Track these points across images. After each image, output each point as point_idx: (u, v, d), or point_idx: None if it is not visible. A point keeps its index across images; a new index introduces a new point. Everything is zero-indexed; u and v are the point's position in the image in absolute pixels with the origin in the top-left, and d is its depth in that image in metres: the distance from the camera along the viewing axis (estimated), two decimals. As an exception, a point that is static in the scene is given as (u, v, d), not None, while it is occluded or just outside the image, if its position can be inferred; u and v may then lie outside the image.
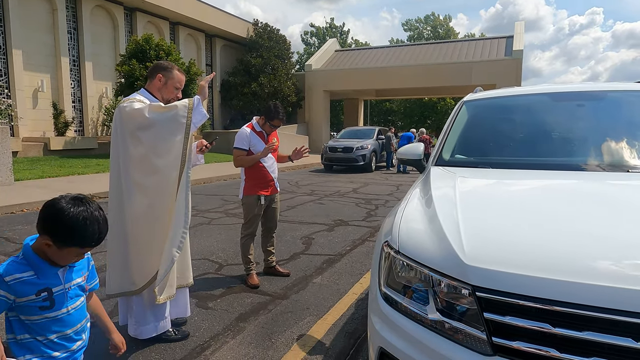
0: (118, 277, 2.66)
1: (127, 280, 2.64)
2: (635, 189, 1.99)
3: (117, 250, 2.65)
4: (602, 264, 1.28)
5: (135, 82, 14.50)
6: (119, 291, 2.68)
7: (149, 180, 2.56)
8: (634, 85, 3.04)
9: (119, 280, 2.66)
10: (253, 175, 3.86)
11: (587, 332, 1.18)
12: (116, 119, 2.61)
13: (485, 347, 1.31)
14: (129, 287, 2.64)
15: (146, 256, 2.60)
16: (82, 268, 1.55)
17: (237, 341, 2.84)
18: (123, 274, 2.64)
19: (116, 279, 2.67)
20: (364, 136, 16.83)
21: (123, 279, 2.65)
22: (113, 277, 2.68)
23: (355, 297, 3.62)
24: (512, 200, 1.95)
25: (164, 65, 2.77)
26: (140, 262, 2.61)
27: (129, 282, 2.64)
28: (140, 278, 2.61)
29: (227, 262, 4.54)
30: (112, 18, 18.61)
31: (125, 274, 2.64)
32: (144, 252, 2.60)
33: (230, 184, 11.02)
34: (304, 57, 43.80)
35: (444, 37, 46.33)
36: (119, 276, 2.65)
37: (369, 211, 7.58)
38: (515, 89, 3.38)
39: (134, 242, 2.60)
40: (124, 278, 2.64)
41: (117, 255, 2.66)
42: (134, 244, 2.60)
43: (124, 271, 2.64)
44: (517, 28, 23.42)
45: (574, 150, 2.53)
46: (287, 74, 25.09)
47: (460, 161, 2.68)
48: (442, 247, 1.51)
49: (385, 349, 1.57)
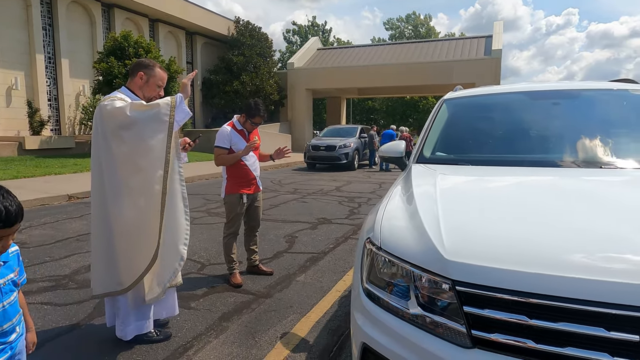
0: (103, 278, 2.62)
1: (113, 281, 2.60)
2: (608, 184, 2.05)
3: (102, 250, 2.61)
4: (576, 257, 1.32)
5: (114, 80, 14.22)
6: (105, 291, 2.64)
7: (133, 180, 2.53)
8: (607, 84, 3.14)
9: (104, 281, 2.62)
10: (235, 174, 3.84)
11: (562, 322, 1.22)
12: (97, 118, 2.56)
13: (465, 340, 1.34)
14: (115, 287, 2.60)
15: (133, 255, 2.57)
16: (13, 264, 1.58)
17: (220, 341, 2.82)
18: (108, 274, 2.60)
19: (101, 280, 2.63)
20: (346, 134, 16.91)
21: (109, 279, 2.61)
22: (98, 278, 2.64)
23: (338, 294, 3.64)
24: (491, 196, 2.00)
25: (145, 63, 2.73)
26: (127, 261, 2.57)
27: (115, 282, 2.60)
28: (127, 278, 2.58)
29: (210, 262, 4.51)
30: (89, 14, 18.19)
31: (111, 274, 2.60)
32: (130, 251, 2.56)
33: (212, 183, 10.92)
34: (286, 56, 43.66)
35: (425, 36, 46.81)
36: (104, 276, 2.61)
37: (352, 209, 7.62)
38: (493, 87, 3.45)
39: (120, 242, 2.56)
40: (110, 278, 2.60)
41: (101, 256, 2.62)
42: (120, 243, 2.56)
43: (110, 271, 2.60)
44: (496, 28, 23.84)
45: (550, 147, 2.59)
46: (270, 72, 24.98)
47: (440, 158, 2.72)
48: (423, 243, 1.53)
49: (367, 344, 1.59)
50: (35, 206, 7.60)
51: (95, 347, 2.73)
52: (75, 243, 5.17)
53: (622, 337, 1.16)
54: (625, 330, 1.16)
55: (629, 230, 1.43)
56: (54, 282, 3.88)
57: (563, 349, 1.21)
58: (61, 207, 7.58)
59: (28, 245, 5.06)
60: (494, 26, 24.34)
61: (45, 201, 7.89)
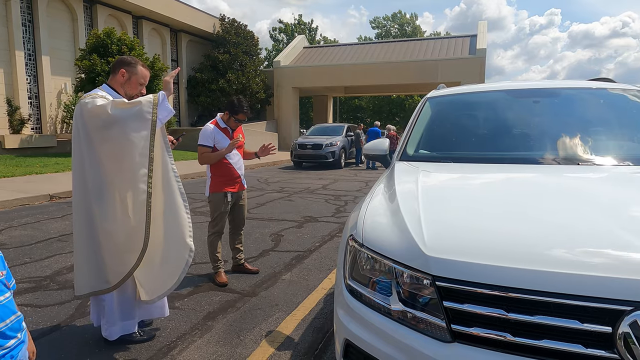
0: (88, 277, 2.58)
1: (100, 279, 2.56)
2: (587, 181, 2.10)
3: (86, 249, 2.57)
4: (553, 252, 1.34)
5: (97, 77, 13.99)
6: (90, 290, 2.60)
7: (117, 178, 2.50)
8: (586, 83, 3.21)
9: (89, 280, 2.58)
10: (219, 172, 3.82)
11: (538, 316, 1.24)
12: (77, 116, 2.52)
13: (445, 335, 1.35)
14: (102, 285, 2.57)
15: (119, 254, 2.54)
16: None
17: (204, 340, 2.81)
18: (94, 273, 2.56)
19: (86, 279, 2.59)
20: (333, 133, 16.93)
21: (95, 278, 2.57)
22: (82, 277, 2.60)
23: (324, 292, 3.65)
24: (471, 192, 2.03)
25: (127, 60, 2.69)
26: (113, 260, 2.54)
27: (102, 280, 2.56)
28: (113, 276, 2.55)
29: (195, 261, 4.47)
30: (70, 11, 17.83)
31: (97, 273, 2.56)
32: (116, 250, 2.53)
33: (197, 182, 10.83)
34: (273, 54, 43.46)
35: (411, 35, 47.09)
36: (89, 275, 2.58)
37: (338, 207, 7.64)
38: (476, 86, 3.49)
39: (103, 242, 2.53)
40: (96, 277, 2.57)
41: (85, 255, 2.58)
42: (103, 243, 2.53)
43: (96, 270, 2.56)
44: (480, 27, 24.10)
45: (530, 144, 2.64)
46: (256, 70, 24.85)
47: (423, 156, 2.75)
48: (404, 240, 1.55)
49: (350, 340, 1.60)
50: (16, 206, 7.44)
51: (76, 348, 2.69)
52: (57, 243, 5.08)
53: (596, 328, 1.19)
54: (599, 322, 1.19)
55: (606, 226, 1.46)
56: (34, 283, 3.81)
57: (539, 341, 1.23)
58: (42, 207, 7.44)
59: (8, 246, 4.95)
60: (478, 26, 24.60)
61: (25, 201, 7.73)
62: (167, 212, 2.63)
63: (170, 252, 2.65)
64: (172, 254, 2.66)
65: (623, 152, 2.44)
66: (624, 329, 1.16)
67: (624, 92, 2.89)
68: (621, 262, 1.25)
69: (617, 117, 2.80)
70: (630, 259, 1.26)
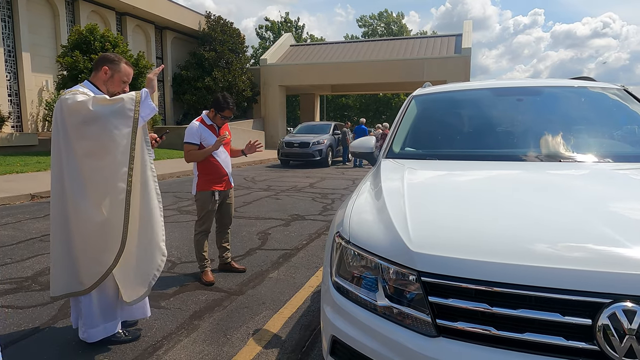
0: (63, 278, 2.53)
1: (74, 281, 2.52)
2: (569, 177, 2.14)
3: (62, 249, 2.52)
4: (535, 247, 1.37)
5: (79, 74, 13.73)
6: (66, 292, 2.55)
7: (96, 177, 2.45)
8: (568, 81, 3.26)
9: (65, 281, 2.54)
10: (206, 171, 3.79)
11: (521, 309, 1.26)
12: (57, 112, 2.47)
13: (430, 329, 1.37)
14: (77, 287, 2.53)
15: (96, 255, 2.49)
16: None
17: (191, 339, 2.79)
18: (69, 274, 2.52)
19: (61, 280, 2.54)
20: (320, 131, 16.93)
21: (70, 280, 2.52)
22: (58, 278, 2.55)
23: (311, 290, 3.65)
24: (456, 189, 2.05)
25: (110, 58, 2.65)
26: (88, 261, 2.50)
27: (76, 282, 2.52)
28: (88, 277, 2.50)
29: (181, 260, 4.44)
30: (52, 6, 17.45)
31: (72, 274, 2.52)
32: (93, 250, 2.49)
33: (183, 181, 10.73)
34: (259, 52, 43.23)
35: (397, 34, 47.32)
36: (65, 276, 2.53)
37: (325, 205, 7.65)
38: (461, 84, 3.53)
39: (81, 241, 2.48)
40: (71, 278, 2.52)
41: (61, 255, 2.53)
42: (80, 242, 2.48)
43: (71, 271, 2.52)
44: (466, 27, 24.35)
45: (514, 142, 2.68)
46: (242, 68, 24.69)
47: (409, 154, 2.77)
48: (390, 236, 1.56)
49: (337, 336, 1.61)
50: (-5, 206, 7.27)
51: (59, 350, 2.64)
52: (39, 244, 4.99)
53: (576, 321, 1.21)
54: (579, 314, 1.22)
55: (587, 221, 1.49)
56: (15, 284, 3.73)
57: (522, 334, 1.25)
58: (24, 207, 7.28)
59: (-13, 246, 4.83)
60: (463, 25, 24.85)
61: (6, 201, 7.56)
62: (143, 213, 2.57)
63: (144, 255, 2.60)
64: (146, 257, 2.61)
65: (603, 150, 2.50)
66: (603, 321, 1.18)
67: (603, 90, 2.95)
68: (601, 256, 1.28)
69: (597, 115, 2.86)
70: (610, 253, 1.29)
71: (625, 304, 1.18)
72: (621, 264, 1.24)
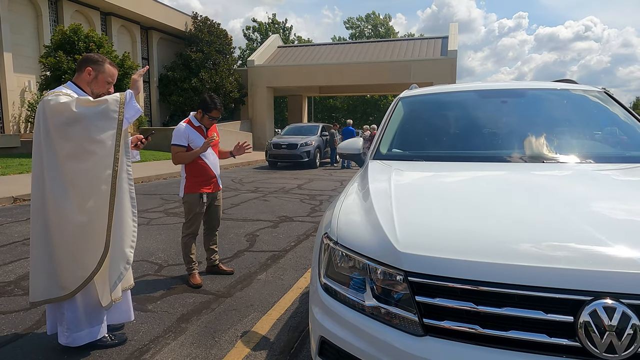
0: (44, 283, 2.48)
1: (55, 286, 2.47)
2: (552, 178, 2.18)
3: (42, 254, 2.47)
4: (521, 246, 1.39)
5: (63, 75, 13.53)
6: (46, 297, 2.50)
7: (79, 179, 2.41)
8: (551, 84, 3.33)
9: (45, 286, 2.48)
10: (194, 173, 3.76)
11: (506, 308, 1.29)
12: (39, 113, 2.43)
13: (417, 329, 1.38)
14: (58, 292, 2.47)
15: (77, 259, 2.45)
16: None
17: (178, 342, 2.76)
18: (50, 279, 2.47)
19: (42, 285, 2.49)
20: (308, 133, 16.94)
21: (50, 285, 2.47)
22: (38, 283, 2.49)
23: (299, 291, 3.65)
24: (443, 190, 2.08)
25: (94, 58, 2.61)
26: (70, 265, 2.45)
27: (57, 287, 2.47)
28: (70, 282, 2.46)
29: (168, 263, 4.39)
30: (34, 6, 17.15)
31: (53, 279, 2.47)
32: (74, 255, 2.45)
33: (170, 183, 10.63)
34: (247, 53, 43.06)
35: (385, 36, 47.62)
36: (45, 281, 2.48)
37: (313, 207, 7.65)
38: (447, 86, 3.57)
39: (63, 245, 2.44)
40: (51, 283, 2.47)
41: (42, 260, 2.48)
42: (62, 246, 2.44)
43: (51, 276, 2.47)
44: (452, 29, 24.61)
45: (499, 143, 2.72)
46: (229, 69, 24.57)
47: (396, 155, 2.79)
48: (378, 237, 1.57)
49: (325, 337, 1.61)
50: (-24, 209, 7.11)
51: (43, 355, 2.59)
52: (21, 247, 4.89)
53: (559, 318, 1.24)
54: (562, 312, 1.24)
55: (570, 220, 1.53)
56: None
57: (507, 332, 1.28)
58: (6, 210, 7.14)
59: (-32, 251, 4.72)
60: (449, 28, 25.10)
61: (-13, 204, 7.39)
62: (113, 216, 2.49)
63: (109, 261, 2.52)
64: (110, 264, 2.53)
65: (585, 151, 2.55)
66: (584, 318, 1.21)
67: (585, 93, 3.02)
68: (583, 254, 1.31)
69: (579, 117, 2.93)
70: (592, 251, 1.32)
71: (606, 301, 1.21)
72: (602, 262, 1.27)
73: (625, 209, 1.67)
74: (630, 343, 1.18)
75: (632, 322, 1.18)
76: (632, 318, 1.18)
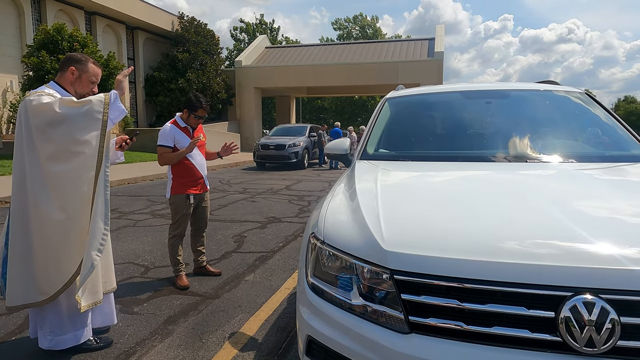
0: (21, 287, 2.41)
1: (33, 290, 2.40)
2: (535, 177, 2.22)
3: (20, 258, 2.40)
4: (505, 244, 1.42)
5: (46, 75, 13.32)
6: (24, 302, 2.43)
7: (60, 182, 2.36)
8: (534, 85, 3.39)
9: (22, 291, 2.41)
10: (181, 174, 3.74)
11: (489, 304, 1.31)
12: (21, 114, 2.38)
13: (403, 326, 1.40)
14: (36, 297, 2.41)
15: (57, 263, 2.39)
16: None
17: (165, 344, 2.74)
18: (28, 283, 2.40)
19: (19, 289, 2.41)
20: (296, 133, 16.93)
21: (28, 289, 2.41)
22: (15, 287, 2.42)
23: (287, 292, 3.65)
24: (428, 189, 2.10)
25: (77, 58, 2.58)
26: (49, 269, 2.39)
27: (35, 292, 2.40)
28: (50, 286, 2.40)
29: (155, 265, 4.35)
30: (16, 4, 16.83)
31: (31, 284, 2.40)
32: (54, 258, 2.39)
33: (156, 184, 10.53)
34: (234, 53, 42.86)
35: (372, 37, 47.85)
36: (23, 286, 2.41)
37: (301, 207, 7.65)
38: (432, 87, 3.61)
39: (42, 249, 2.38)
40: (29, 288, 2.40)
41: (20, 263, 2.40)
42: (41, 250, 2.38)
43: (29, 280, 2.40)
44: (438, 31, 24.87)
45: (483, 143, 2.76)
46: (217, 69, 24.43)
47: (383, 155, 2.81)
48: (364, 236, 1.59)
49: (312, 336, 1.62)
50: (-44, 212, 6.95)
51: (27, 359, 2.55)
52: (4, 251, 4.79)
53: (540, 314, 1.27)
54: (543, 308, 1.27)
55: (553, 218, 1.56)
56: (-22, 293, 3.58)
57: (490, 328, 1.30)
58: (-13, 213, 6.99)
59: (-53, 254, 4.61)
60: (436, 29, 25.37)
61: (-33, 207, 7.23)
62: None
63: None
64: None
65: (568, 151, 2.60)
66: (565, 314, 1.24)
67: (567, 94, 3.08)
68: (565, 251, 1.34)
69: (562, 118, 2.98)
70: (574, 248, 1.35)
71: (585, 297, 1.24)
72: (582, 259, 1.30)
73: (606, 207, 1.71)
74: (609, 337, 1.21)
75: (610, 317, 1.21)
76: (611, 313, 1.21)
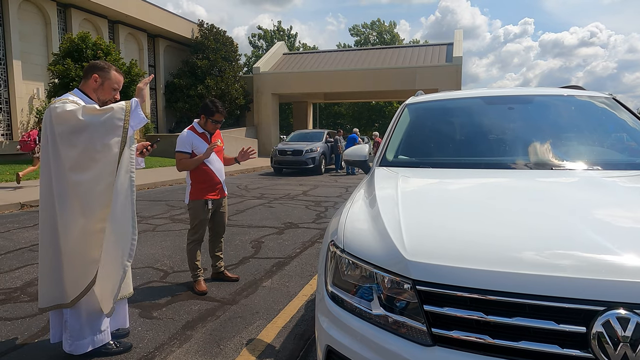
0: (51, 289, 2.50)
1: (61, 292, 2.48)
2: (559, 185, 2.16)
3: (49, 261, 2.49)
4: (530, 255, 1.37)
5: (71, 82, 13.68)
6: (53, 304, 2.51)
7: (82, 187, 2.42)
8: (557, 90, 3.31)
9: (52, 293, 2.50)
10: (199, 179, 3.77)
11: (516, 317, 1.26)
12: (46, 121, 2.45)
13: (426, 338, 1.36)
14: (62, 300, 2.49)
15: (79, 267, 2.46)
16: None
17: (183, 350, 2.75)
18: (55, 286, 2.48)
19: (49, 292, 2.50)
20: (313, 139, 16.96)
21: (56, 292, 2.49)
22: (45, 290, 2.51)
23: (305, 298, 3.63)
24: (450, 197, 2.05)
25: (100, 65, 2.64)
26: (73, 273, 2.46)
27: (62, 294, 2.48)
28: (72, 290, 2.47)
29: (173, 270, 4.39)
30: (43, 14, 17.38)
31: (59, 285, 2.48)
32: (76, 262, 2.46)
33: (176, 189, 10.66)
34: (252, 60, 43.36)
35: (389, 43, 47.76)
36: (52, 288, 2.49)
37: (318, 213, 7.63)
38: (453, 92, 3.56)
39: (67, 252, 2.45)
40: (58, 289, 2.48)
41: (48, 267, 2.49)
42: (66, 254, 2.45)
43: (56, 283, 2.48)
44: (456, 36, 24.64)
45: (506, 150, 2.70)
46: (235, 76, 24.73)
47: (402, 162, 2.77)
48: (385, 245, 1.56)
49: (332, 346, 1.59)
50: (-16, 216, 7.16)
51: (49, 362, 2.59)
52: (29, 253, 4.91)
53: (571, 329, 1.21)
54: (573, 322, 1.22)
55: (578, 228, 1.50)
56: (3, 295, 3.67)
57: (517, 343, 1.25)
58: (13, 216, 7.19)
59: (-25, 257, 4.75)
60: (454, 34, 25.14)
61: (-6, 210, 7.45)
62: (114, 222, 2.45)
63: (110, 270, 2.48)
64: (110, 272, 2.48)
65: (593, 157, 2.52)
66: (597, 329, 1.19)
67: (592, 99, 2.99)
68: (592, 263, 1.29)
69: (586, 123, 2.90)
70: (602, 260, 1.29)
71: (619, 312, 1.18)
72: (613, 272, 1.24)
73: (633, 217, 1.64)
74: (644, 354, 1.15)
75: (646, 333, 1.15)
76: (647, 329, 1.16)
